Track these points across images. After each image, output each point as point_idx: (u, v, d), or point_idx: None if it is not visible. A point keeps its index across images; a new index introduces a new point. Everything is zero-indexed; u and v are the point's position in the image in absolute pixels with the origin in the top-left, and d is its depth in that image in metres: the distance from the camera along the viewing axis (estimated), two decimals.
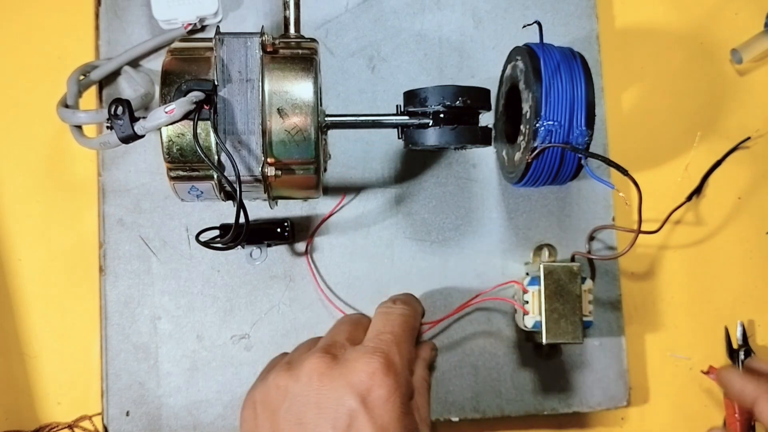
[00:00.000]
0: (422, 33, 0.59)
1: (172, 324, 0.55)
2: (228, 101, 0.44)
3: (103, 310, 0.55)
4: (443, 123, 0.47)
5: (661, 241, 0.60)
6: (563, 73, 0.48)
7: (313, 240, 0.56)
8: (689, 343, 0.60)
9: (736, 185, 0.61)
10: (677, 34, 0.63)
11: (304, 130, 0.44)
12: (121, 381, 0.54)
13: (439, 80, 0.58)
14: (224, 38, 0.45)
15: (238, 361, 0.55)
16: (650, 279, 0.60)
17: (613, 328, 0.57)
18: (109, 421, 0.54)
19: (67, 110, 0.49)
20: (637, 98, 0.62)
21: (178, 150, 0.44)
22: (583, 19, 0.60)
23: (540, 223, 0.58)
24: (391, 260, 0.57)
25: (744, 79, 0.63)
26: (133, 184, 0.56)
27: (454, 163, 0.58)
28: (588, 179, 0.56)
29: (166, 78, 0.43)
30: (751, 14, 0.63)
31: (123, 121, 0.42)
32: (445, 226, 0.57)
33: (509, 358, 0.56)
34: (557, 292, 0.52)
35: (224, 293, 0.55)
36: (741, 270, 0.61)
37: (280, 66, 0.45)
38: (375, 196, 0.57)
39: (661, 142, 0.61)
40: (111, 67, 0.55)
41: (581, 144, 0.48)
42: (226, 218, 0.55)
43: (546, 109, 0.47)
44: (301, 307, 0.56)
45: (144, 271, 0.55)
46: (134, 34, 0.57)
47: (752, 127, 0.62)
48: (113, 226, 0.55)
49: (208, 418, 0.54)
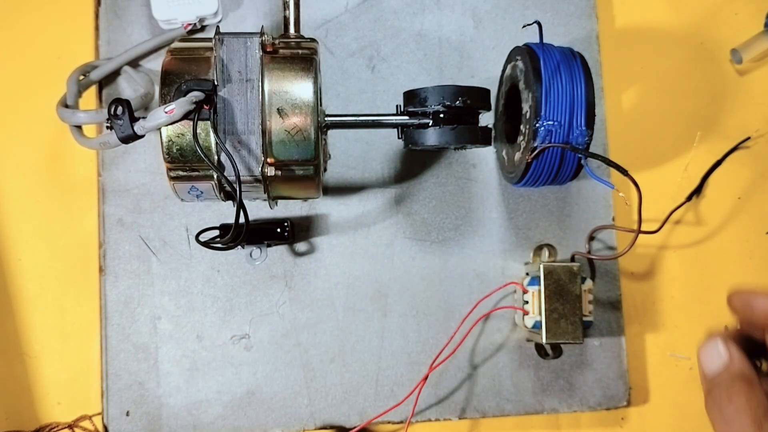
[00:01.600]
0: (422, 33, 0.59)
1: (172, 324, 0.55)
2: (228, 101, 0.44)
3: (103, 310, 0.55)
4: (443, 123, 0.47)
5: (661, 241, 0.60)
6: (563, 73, 0.48)
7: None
8: (689, 343, 0.60)
9: (736, 185, 0.61)
10: (677, 34, 0.63)
11: (304, 130, 0.44)
12: (121, 381, 0.54)
13: (439, 80, 0.58)
14: (224, 38, 0.45)
15: (238, 361, 0.55)
16: (650, 279, 0.60)
17: (613, 328, 0.57)
18: (109, 421, 0.54)
19: (67, 110, 0.49)
20: (637, 98, 0.62)
21: (178, 150, 0.44)
22: (583, 19, 0.60)
23: (540, 223, 0.58)
24: (391, 260, 0.57)
25: (744, 79, 0.63)
26: (133, 184, 0.56)
27: (454, 163, 0.58)
28: (588, 179, 0.56)
29: (166, 78, 0.44)
30: (751, 14, 0.63)
31: (123, 121, 0.42)
32: (445, 226, 0.57)
33: (509, 358, 0.56)
34: (557, 292, 0.52)
35: (224, 293, 0.55)
36: (741, 270, 0.61)
37: (280, 66, 0.45)
38: (375, 196, 0.57)
39: (661, 142, 0.61)
40: (111, 67, 0.55)
41: (581, 144, 0.48)
42: (226, 218, 0.55)
43: (546, 109, 0.47)
44: (301, 307, 0.56)
45: (144, 271, 0.55)
46: (134, 34, 0.57)
47: (752, 126, 0.62)
48: (113, 226, 0.55)
49: (208, 418, 0.54)
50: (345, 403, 0.55)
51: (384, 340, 0.56)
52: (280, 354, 0.55)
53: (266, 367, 0.55)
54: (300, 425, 0.55)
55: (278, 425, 0.55)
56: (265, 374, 0.55)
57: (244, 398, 0.55)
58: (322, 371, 0.55)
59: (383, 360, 0.56)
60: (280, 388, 0.55)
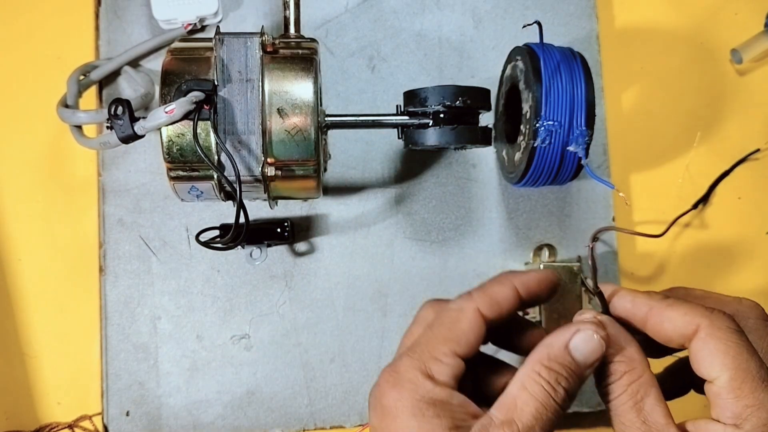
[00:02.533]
0: (422, 33, 0.59)
1: (172, 324, 0.55)
2: (228, 101, 0.44)
3: (103, 310, 0.55)
4: (443, 123, 0.47)
5: (661, 241, 0.60)
6: (563, 73, 0.48)
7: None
8: None
9: (736, 185, 0.61)
10: (677, 34, 0.63)
11: (304, 130, 0.44)
12: (121, 381, 0.54)
13: (439, 80, 0.58)
14: (224, 38, 0.45)
15: (238, 361, 0.55)
16: (650, 279, 0.60)
17: None
18: (109, 421, 0.54)
19: (67, 110, 0.49)
20: (637, 98, 0.62)
21: (178, 150, 0.44)
22: (583, 19, 0.60)
23: (540, 223, 0.58)
24: (391, 260, 0.57)
25: (744, 79, 0.63)
26: (133, 184, 0.56)
27: (454, 163, 0.58)
28: (588, 179, 0.56)
29: (166, 78, 0.44)
30: (751, 14, 0.63)
31: (123, 121, 0.42)
32: (445, 226, 0.57)
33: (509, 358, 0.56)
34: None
35: (224, 293, 0.55)
36: (741, 270, 0.61)
37: (280, 66, 0.45)
38: (375, 196, 0.57)
39: (661, 142, 0.61)
40: (111, 67, 0.55)
41: (581, 144, 0.48)
42: (226, 218, 0.55)
43: (546, 109, 0.47)
44: (301, 307, 0.56)
45: (144, 271, 0.55)
46: (134, 34, 0.57)
47: (752, 127, 0.62)
48: (113, 226, 0.55)
49: (208, 418, 0.54)
50: (345, 403, 0.55)
51: (384, 340, 0.56)
52: (280, 354, 0.55)
53: (266, 367, 0.55)
54: (300, 425, 0.55)
55: (278, 425, 0.55)
56: (265, 374, 0.55)
57: (244, 398, 0.55)
58: (322, 371, 0.55)
59: (383, 360, 0.56)
60: (280, 388, 0.55)
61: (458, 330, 0.34)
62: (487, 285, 0.36)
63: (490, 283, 0.36)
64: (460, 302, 0.35)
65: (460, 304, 0.35)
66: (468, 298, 0.35)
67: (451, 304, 0.35)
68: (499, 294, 0.35)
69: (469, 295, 0.35)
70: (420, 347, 0.34)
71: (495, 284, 0.35)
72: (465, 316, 0.34)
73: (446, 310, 0.35)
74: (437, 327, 0.34)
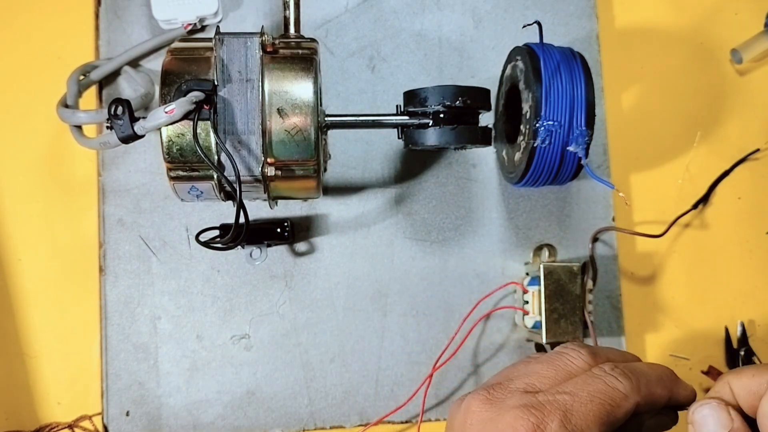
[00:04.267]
0: (422, 33, 0.59)
1: (172, 324, 0.55)
2: (228, 101, 0.44)
3: (103, 310, 0.55)
4: (443, 123, 0.47)
5: (661, 241, 0.60)
6: (563, 73, 0.48)
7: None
8: (689, 343, 0.60)
9: (736, 185, 0.61)
10: (677, 34, 0.63)
11: (304, 130, 0.44)
12: (121, 381, 0.54)
13: (439, 80, 0.58)
14: (224, 38, 0.45)
15: (238, 361, 0.55)
16: (650, 279, 0.60)
17: (613, 328, 0.57)
18: (109, 421, 0.54)
19: (67, 110, 0.49)
20: (637, 98, 0.62)
21: (178, 150, 0.44)
22: (583, 19, 0.60)
23: (540, 223, 0.58)
24: (391, 260, 0.57)
25: (744, 79, 0.63)
26: (133, 184, 0.56)
27: (454, 163, 0.58)
28: (588, 179, 0.56)
29: (166, 78, 0.44)
30: (751, 14, 0.63)
31: (123, 121, 0.42)
32: (445, 226, 0.57)
33: (509, 358, 0.56)
34: (557, 292, 0.52)
35: (224, 293, 0.55)
36: (741, 270, 0.61)
37: (280, 66, 0.45)
38: (375, 196, 0.57)
39: (661, 142, 0.61)
40: (111, 67, 0.55)
41: (581, 144, 0.48)
42: (226, 218, 0.55)
43: (546, 109, 0.47)
44: (301, 307, 0.56)
45: (144, 271, 0.55)
46: (134, 34, 0.57)
47: (752, 127, 0.62)
48: (113, 226, 0.55)
49: (208, 418, 0.54)
50: (345, 403, 0.55)
51: (384, 340, 0.56)
52: (280, 354, 0.55)
53: (266, 367, 0.55)
54: (300, 425, 0.55)
55: (278, 425, 0.55)
56: (265, 374, 0.55)
57: (244, 398, 0.55)
58: (322, 371, 0.55)
59: (383, 360, 0.56)
60: (280, 388, 0.55)
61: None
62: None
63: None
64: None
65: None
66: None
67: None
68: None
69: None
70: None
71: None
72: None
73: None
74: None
